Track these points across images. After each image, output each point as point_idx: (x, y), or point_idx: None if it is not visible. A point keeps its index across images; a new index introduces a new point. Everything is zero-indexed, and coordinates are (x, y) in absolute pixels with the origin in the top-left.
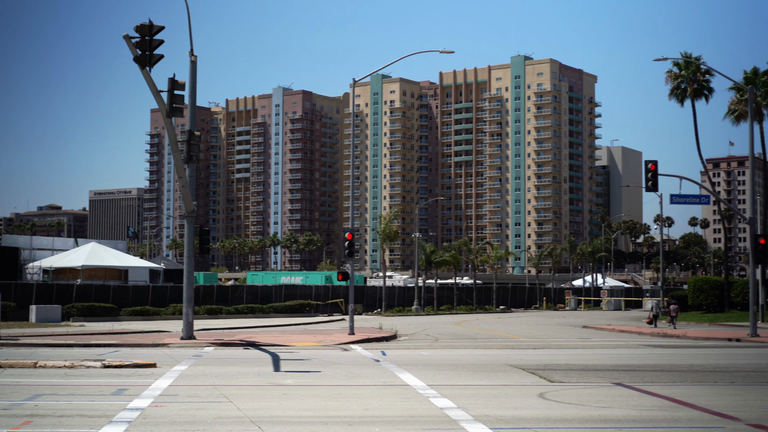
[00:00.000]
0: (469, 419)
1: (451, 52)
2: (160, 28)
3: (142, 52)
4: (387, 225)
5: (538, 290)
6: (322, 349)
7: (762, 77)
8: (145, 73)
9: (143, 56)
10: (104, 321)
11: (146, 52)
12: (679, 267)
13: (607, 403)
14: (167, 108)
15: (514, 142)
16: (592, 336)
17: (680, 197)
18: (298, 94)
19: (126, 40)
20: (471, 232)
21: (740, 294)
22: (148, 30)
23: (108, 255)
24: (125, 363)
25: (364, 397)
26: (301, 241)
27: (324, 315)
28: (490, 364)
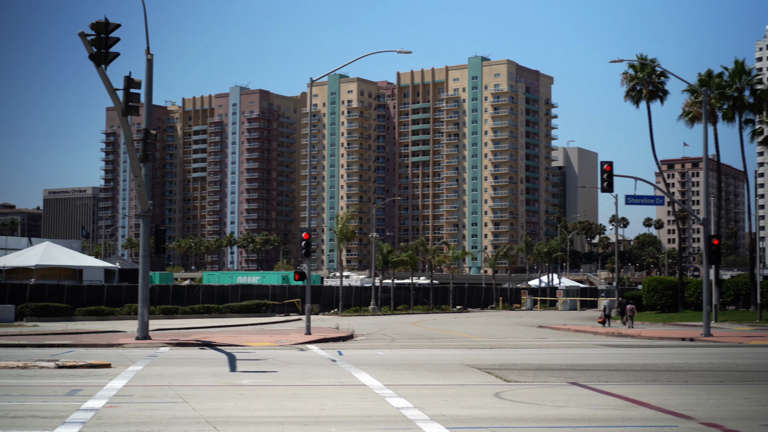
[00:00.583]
0: (426, 419)
1: (408, 52)
2: (116, 26)
3: (98, 49)
4: (344, 225)
5: (495, 290)
6: (279, 349)
7: (716, 79)
8: (101, 71)
9: (99, 54)
10: (58, 321)
11: (102, 49)
12: (634, 267)
13: (563, 403)
14: (123, 106)
15: (471, 142)
16: (548, 336)
17: (635, 198)
18: (255, 94)
19: (81, 38)
20: (428, 232)
21: (694, 294)
22: (103, 27)
23: (62, 254)
24: (79, 363)
25: (320, 397)
26: (258, 240)
27: (280, 315)
28: (447, 363)
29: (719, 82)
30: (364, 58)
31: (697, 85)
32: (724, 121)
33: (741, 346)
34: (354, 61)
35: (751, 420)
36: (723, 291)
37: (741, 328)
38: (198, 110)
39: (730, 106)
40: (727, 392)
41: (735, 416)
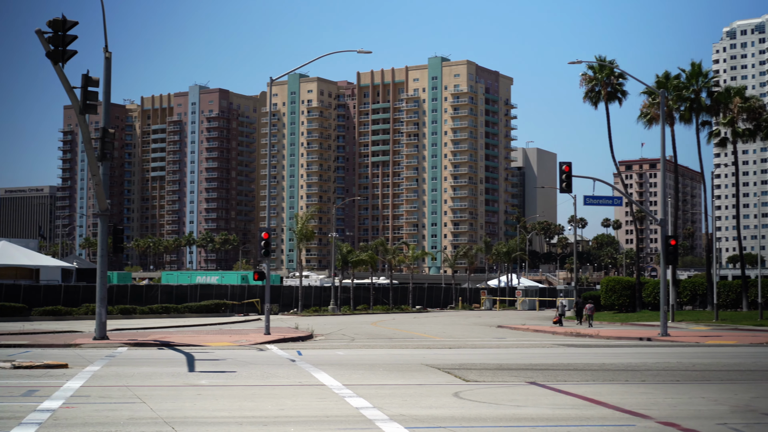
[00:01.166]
0: (385, 419)
1: (368, 52)
2: (73, 24)
3: (55, 47)
4: (304, 225)
5: (454, 290)
6: (238, 349)
7: (673, 81)
8: (58, 68)
9: (56, 52)
10: (15, 321)
11: (59, 47)
12: (593, 267)
13: (521, 402)
14: (81, 105)
15: (430, 142)
16: (507, 335)
17: (593, 198)
18: (214, 93)
19: (39, 36)
20: (388, 232)
21: (651, 294)
22: (61, 25)
23: (18, 254)
24: (36, 364)
25: (279, 397)
26: (217, 240)
27: (240, 315)
28: (406, 363)
29: (677, 84)
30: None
31: (655, 87)
32: (681, 123)
33: (697, 346)
34: (314, 61)
35: (707, 419)
36: (680, 291)
37: (698, 328)
38: (157, 109)
39: (688, 108)
40: (684, 391)
41: (691, 415)
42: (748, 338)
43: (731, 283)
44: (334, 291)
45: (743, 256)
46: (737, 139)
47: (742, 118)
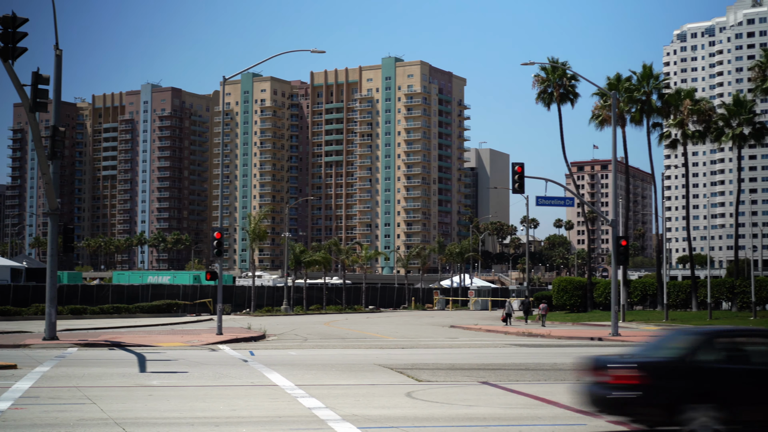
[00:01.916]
0: (337, 419)
1: (322, 51)
2: (23, 21)
3: (5, 44)
4: (256, 224)
5: (407, 290)
6: (190, 350)
7: (625, 83)
8: (8, 66)
9: (5, 49)
10: None
11: (9, 44)
12: (545, 267)
13: (474, 402)
14: (30, 102)
15: (384, 142)
16: (460, 335)
17: (546, 199)
18: (167, 91)
19: None
20: (341, 232)
21: (602, 294)
22: (10, 22)
23: None
24: None
25: (231, 397)
26: (169, 240)
27: (192, 315)
28: (359, 363)
29: (628, 86)
30: (278, 57)
31: (607, 89)
32: (632, 125)
33: None
34: (267, 60)
35: None
36: (631, 291)
37: (648, 328)
38: (108, 107)
39: (639, 110)
40: None
41: None
42: None
43: (681, 283)
44: (287, 291)
45: (693, 256)
46: (687, 141)
47: (692, 120)
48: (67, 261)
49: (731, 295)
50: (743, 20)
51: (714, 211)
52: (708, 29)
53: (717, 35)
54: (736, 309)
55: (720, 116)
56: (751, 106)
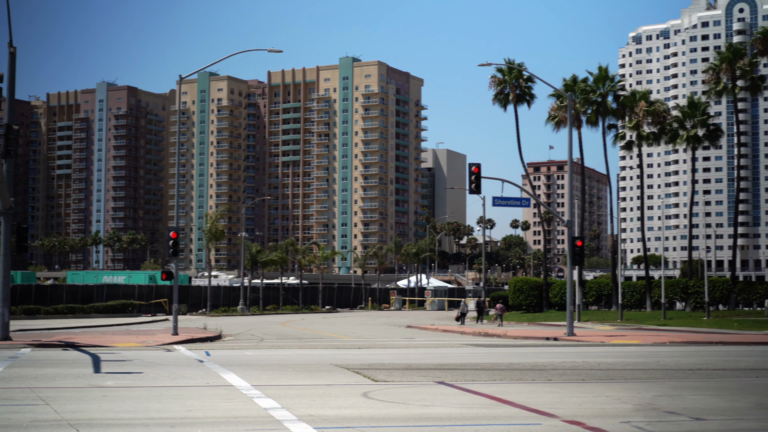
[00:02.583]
0: (293, 419)
1: (279, 51)
2: None
3: None
4: (213, 224)
5: (364, 290)
6: (145, 350)
7: (581, 85)
8: None
9: None
10: None
11: None
12: (501, 268)
13: (430, 402)
14: None
15: (341, 142)
16: (416, 335)
17: (502, 200)
18: (122, 90)
19: None
20: (298, 232)
21: (558, 294)
22: None
23: None
24: None
25: (186, 398)
26: (125, 239)
27: (147, 315)
28: (315, 363)
29: (584, 88)
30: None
31: (563, 90)
32: (588, 126)
33: (603, 345)
34: (224, 59)
35: (612, 417)
36: (586, 291)
37: (603, 328)
38: (63, 106)
39: (594, 111)
40: (589, 390)
41: (596, 414)
42: (651, 338)
43: (636, 283)
44: (244, 291)
45: (647, 257)
46: (642, 143)
47: (647, 122)
48: (20, 261)
49: (685, 295)
50: (697, 23)
51: (668, 212)
52: (663, 32)
53: (672, 38)
54: (689, 309)
55: (674, 118)
56: (705, 108)
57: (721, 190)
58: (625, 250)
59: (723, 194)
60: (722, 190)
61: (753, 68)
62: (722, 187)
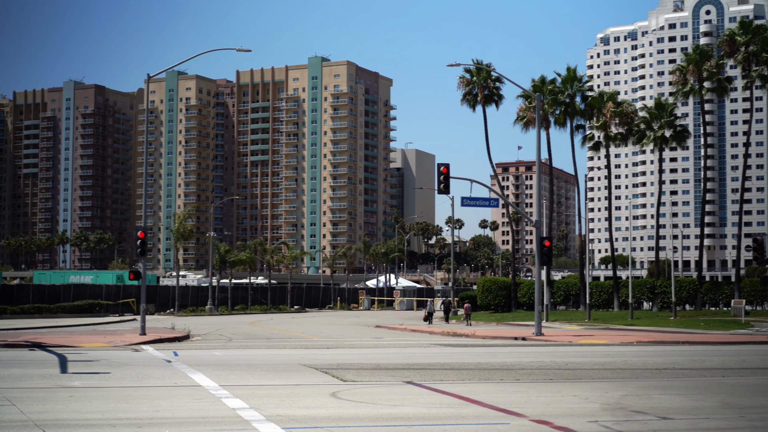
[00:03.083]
0: (262, 419)
1: (248, 50)
2: None
3: None
4: (181, 224)
5: (333, 290)
6: (112, 350)
7: (549, 86)
8: None
9: None
10: None
11: None
12: (470, 268)
13: (398, 402)
14: None
15: (310, 142)
16: (385, 335)
17: (471, 200)
18: (90, 89)
19: None
20: (267, 232)
21: (526, 294)
22: None
23: None
24: None
25: (154, 398)
26: (92, 239)
27: (115, 315)
28: (284, 363)
29: (552, 89)
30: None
31: (531, 91)
32: (556, 127)
33: (570, 345)
34: (193, 58)
35: (579, 416)
36: (554, 291)
37: (571, 328)
38: (30, 104)
39: (563, 112)
40: (557, 390)
41: (564, 413)
42: (618, 337)
43: (603, 283)
44: (212, 291)
45: (615, 257)
46: (610, 143)
47: (615, 123)
48: None
49: (652, 295)
50: (665, 25)
51: (636, 212)
52: (631, 33)
53: (639, 39)
54: (656, 309)
55: (642, 119)
56: (672, 109)
57: (688, 191)
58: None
59: (690, 195)
60: (689, 190)
61: (720, 70)
62: (689, 188)
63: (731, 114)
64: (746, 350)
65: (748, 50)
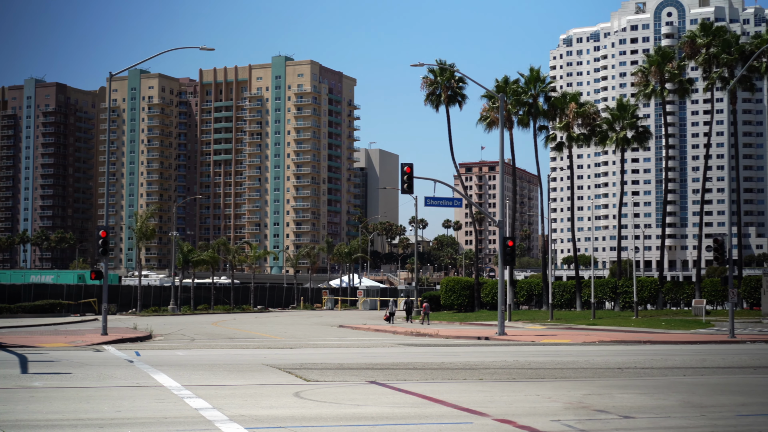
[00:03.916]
0: (224, 419)
1: (211, 49)
2: None
3: None
4: (143, 223)
5: (296, 290)
6: (74, 350)
7: (512, 86)
8: None
9: None
10: None
11: None
12: (433, 267)
13: (362, 401)
14: None
15: (274, 142)
16: (348, 335)
17: (434, 200)
18: (51, 87)
19: None
20: (230, 232)
21: (490, 294)
22: None
23: None
24: None
25: (116, 398)
26: (53, 238)
27: (76, 315)
28: (247, 363)
29: (515, 89)
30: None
31: (495, 91)
32: (520, 127)
33: (533, 345)
34: (156, 57)
35: (542, 416)
36: (517, 291)
37: (534, 327)
38: None
39: (526, 113)
40: (520, 389)
41: (526, 412)
42: (581, 337)
43: (566, 283)
44: (175, 291)
45: (577, 257)
46: (572, 144)
47: (578, 124)
48: None
49: (614, 294)
50: (627, 26)
51: (598, 212)
52: (593, 34)
53: (602, 40)
54: (618, 308)
55: (604, 120)
56: (634, 111)
57: (650, 191)
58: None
59: (651, 195)
60: (650, 191)
61: (681, 71)
62: (650, 189)
63: (692, 115)
64: (707, 350)
65: (708, 52)
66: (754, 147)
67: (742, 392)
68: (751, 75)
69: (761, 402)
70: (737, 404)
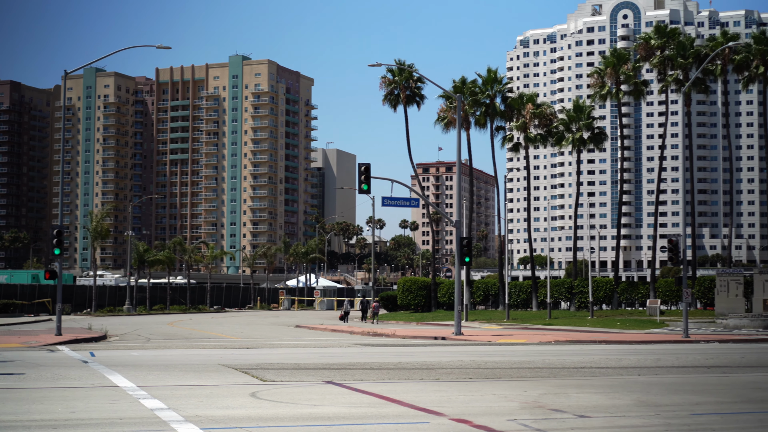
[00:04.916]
0: (180, 420)
1: (168, 48)
2: None
3: None
4: (98, 222)
5: (253, 290)
6: (27, 351)
7: (470, 87)
8: None
9: None
10: None
11: None
12: (390, 268)
13: (318, 401)
14: None
15: (231, 141)
16: (305, 335)
17: (391, 200)
18: (5, 85)
19: None
20: (186, 232)
21: (446, 294)
22: None
23: None
24: None
25: (70, 399)
26: (7, 238)
27: (30, 315)
28: (203, 364)
29: (473, 89)
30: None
31: (452, 92)
32: (477, 127)
33: (490, 345)
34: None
35: (498, 415)
36: (474, 291)
37: (490, 327)
38: None
39: (483, 113)
40: (477, 389)
41: (483, 411)
42: (537, 337)
43: (522, 283)
44: (130, 291)
45: (533, 257)
46: (529, 144)
47: (534, 124)
48: None
49: (570, 295)
50: (583, 28)
51: (554, 213)
52: (550, 36)
53: (558, 42)
54: (574, 308)
55: (561, 121)
56: (590, 112)
57: (605, 192)
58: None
59: (607, 196)
60: (606, 192)
61: (636, 73)
62: (606, 189)
63: (647, 117)
64: (661, 349)
65: (663, 54)
66: (708, 149)
67: (696, 391)
68: (705, 77)
69: (715, 401)
70: (691, 403)
